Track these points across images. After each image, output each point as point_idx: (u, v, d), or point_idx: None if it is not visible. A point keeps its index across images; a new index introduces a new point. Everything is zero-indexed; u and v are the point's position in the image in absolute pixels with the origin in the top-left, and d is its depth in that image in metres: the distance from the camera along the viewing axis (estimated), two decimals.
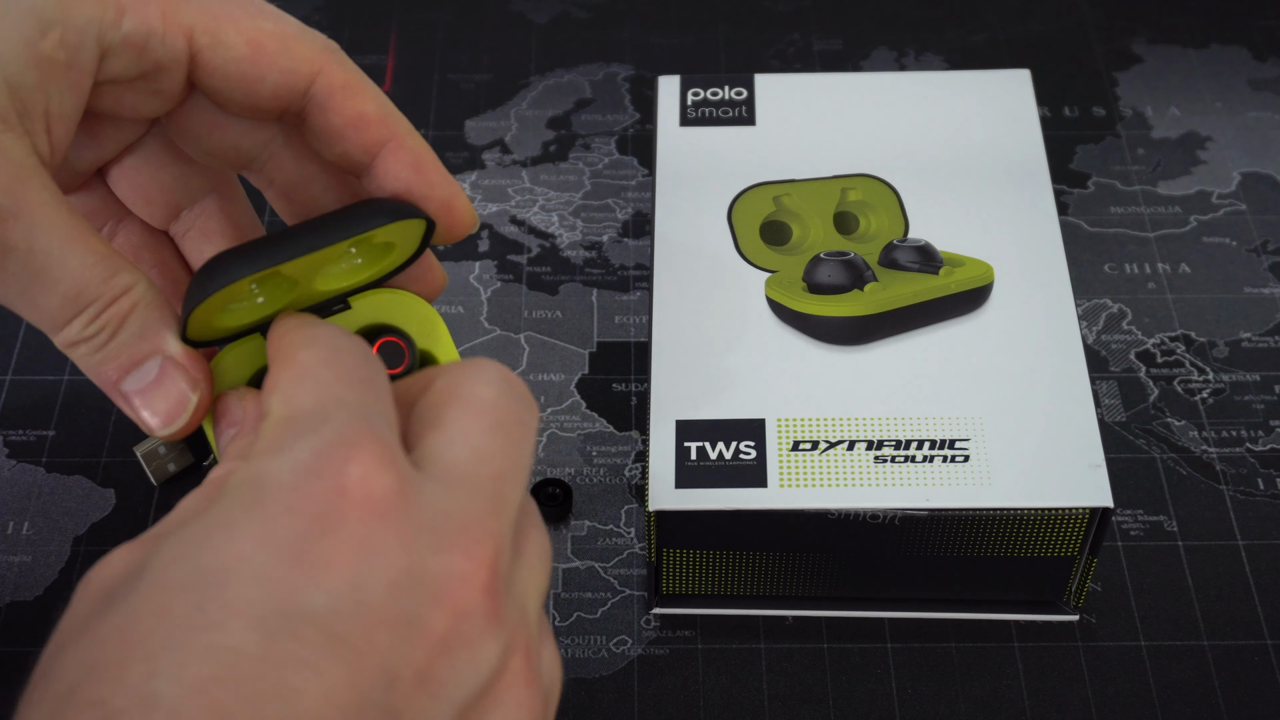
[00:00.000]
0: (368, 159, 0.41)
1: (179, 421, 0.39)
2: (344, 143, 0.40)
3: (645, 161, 0.67)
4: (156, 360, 0.39)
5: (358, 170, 0.41)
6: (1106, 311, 0.62)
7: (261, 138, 0.42)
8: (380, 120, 0.40)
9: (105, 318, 0.38)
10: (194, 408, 0.39)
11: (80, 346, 0.38)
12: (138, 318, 0.38)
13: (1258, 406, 0.58)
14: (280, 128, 0.42)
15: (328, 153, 0.41)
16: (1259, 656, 0.51)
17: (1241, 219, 0.65)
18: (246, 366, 0.41)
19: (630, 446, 0.57)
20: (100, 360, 0.38)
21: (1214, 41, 0.73)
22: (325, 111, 0.40)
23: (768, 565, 0.50)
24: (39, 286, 0.37)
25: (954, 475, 0.49)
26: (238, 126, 0.41)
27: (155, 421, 0.39)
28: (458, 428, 0.35)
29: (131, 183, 0.43)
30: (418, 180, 0.41)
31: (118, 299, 0.38)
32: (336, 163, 0.41)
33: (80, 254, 0.37)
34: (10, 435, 0.57)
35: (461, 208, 0.41)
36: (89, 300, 0.38)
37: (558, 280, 0.63)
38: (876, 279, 0.54)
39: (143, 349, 0.39)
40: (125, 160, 0.43)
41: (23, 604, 0.52)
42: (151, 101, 0.40)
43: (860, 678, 0.51)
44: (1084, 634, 0.52)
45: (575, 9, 0.75)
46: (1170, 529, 0.55)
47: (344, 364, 0.36)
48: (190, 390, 0.39)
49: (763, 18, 0.74)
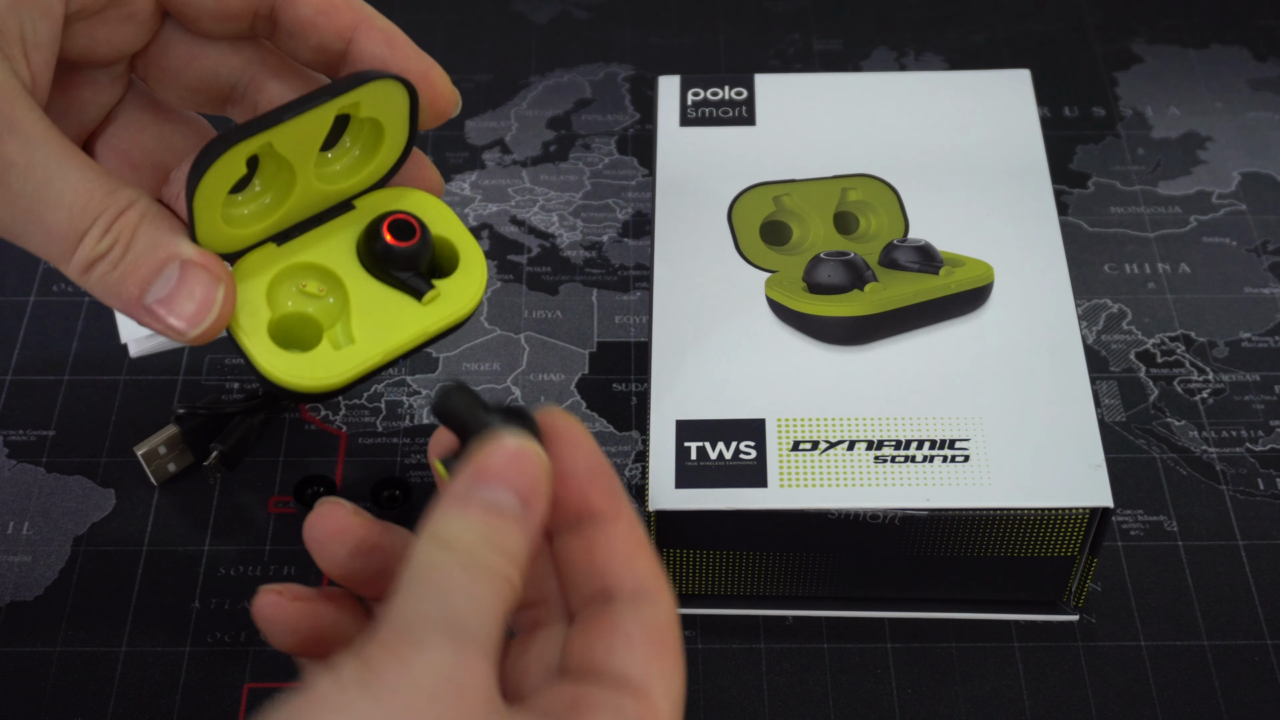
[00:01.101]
0: (342, 44, 0.42)
1: (208, 319, 0.39)
2: (316, 31, 0.41)
3: (645, 161, 0.67)
4: (175, 264, 0.39)
5: (335, 63, 0.42)
6: (1106, 311, 0.62)
7: (238, 61, 0.43)
8: (347, 5, 0.41)
9: (117, 229, 0.38)
10: (220, 303, 0.39)
11: (97, 266, 0.38)
12: (148, 227, 0.38)
13: (1258, 406, 0.58)
14: (256, 50, 0.43)
15: (303, 49, 0.42)
16: (1259, 656, 0.51)
17: (1241, 219, 0.65)
18: (262, 274, 0.42)
19: (630, 446, 0.57)
20: (120, 276, 0.38)
21: (1214, 41, 0.73)
22: (294, 4, 0.41)
23: (768, 565, 0.50)
24: (44, 201, 0.37)
25: (954, 475, 0.49)
26: (213, 53, 0.42)
27: (183, 324, 0.39)
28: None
29: (116, 150, 0.43)
30: (393, 55, 0.42)
31: (124, 211, 0.38)
32: (313, 61, 0.42)
33: (79, 169, 0.37)
34: (10, 435, 0.57)
35: (439, 79, 0.42)
36: (96, 213, 0.38)
37: (558, 280, 0.63)
38: (876, 279, 0.54)
39: (159, 256, 0.39)
40: (107, 130, 0.43)
41: (23, 604, 0.52)
42: (125, 31, 0.40)
43: (860, 678, 0.51)
44: (1084, 634, 0.52)
45: (575, 9, 0.75)
46: (1170, 529, 0.55)
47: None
48: (215, 286, 0.39)
49: (763, 18, 0.74)
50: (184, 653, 0.51)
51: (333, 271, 0.43)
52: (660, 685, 0.35)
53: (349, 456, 0.56)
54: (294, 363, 0.42)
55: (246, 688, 0.50)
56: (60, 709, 0.50)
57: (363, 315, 0.43)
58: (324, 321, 0.43)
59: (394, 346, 0.43)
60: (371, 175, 0.44)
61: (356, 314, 0.43)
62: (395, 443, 0.57)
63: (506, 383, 0.59)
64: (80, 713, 0.49)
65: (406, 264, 0.43)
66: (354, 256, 0.44)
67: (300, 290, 0.43)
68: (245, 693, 0.50)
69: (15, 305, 0.62)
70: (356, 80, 0.40)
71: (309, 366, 0.42)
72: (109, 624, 0.52)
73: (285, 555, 0.54)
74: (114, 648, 0.51)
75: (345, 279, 0.43)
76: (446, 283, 0.44)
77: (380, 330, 0.43)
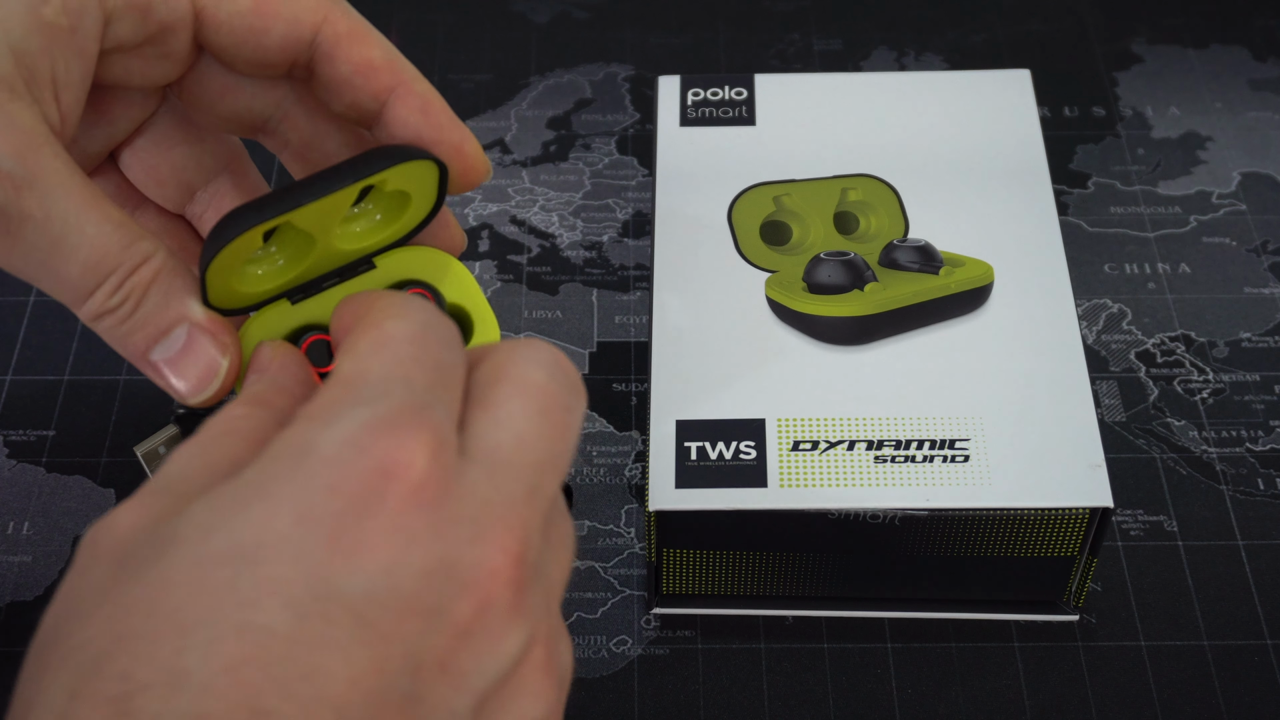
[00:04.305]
0: (377, 106, 0.41)
1: (211, 387, 0.39)
2: (352, 91, 0.41)
3: (645, 161, 0.67)
4: (184, 327, 0.39)
5: (369, 120, 0.41)
6: (1106, 311, 0.62)
7: (273, 98, 0.42)
8: (387, 66, 0.41)
9: (129, 286, 0.38)
10: (225, 373, 0.39)
11: (106, 318, 0.38)
12: (161, 285, 0.38)
13: (1258, 406, 0.58)
14: (290, 87, 0.42)
15: (337, 104, 0.41)
16: (1259, 656, 0.51)
17: (1241, 219, 0.65)
18: (273, 333, 0.41)
19: (630, 446, 0.57)
20: (127, 331, 0.38)
21: (1214, 41, 0.73)
22: (332, 61, 0.40)
23: (768, 565, 0.50)
24: (59, 256, 0.37)
25: (954, 475, 0.49)
26: (248, 88, 0.42)
27: (186, 388, 0.39)
28: (505, 410, 0.34)
29: (144, 164, 0.43)
30: (427, 124, 0.41)
31: (139, 267, 0.38)
32: (346, 114, 0.42)
33: (98, 221, 0.37)
34: (10, 435, 0.57)
35: (473, 151, 0.41)
36: (110, 268, 0.37)
37: (558, 280, 0.63)
38: (876, 279, 0.54)
39: (169, 317, 0.39)
40: (136, 142, 0.43)
41: (23, 604, 0.52)
42: (160, 67, 0.40)
43: (860, 678, 0.51)
44: (1084, 634, 0.52)
45: (575, 9, 0.75)
46: (1170, 529, 0.55)
47: (426, 343, 0.35)
48: (220, 355, 0.39)
49: (763, 18, 0.74)
50: None
51: None
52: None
53: None
54: None
55: None
56: None
57: None
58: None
59: None
60: (392, 236, 0.42)
61: None
62: None
63: None
64: None
65: None
66: None
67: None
68: None
69: (15, 305, 0.62)
70: (386, 161, 0.39)
71: None
72: None
73: None
74: None
75: None
76: None
77: None
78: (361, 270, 0.42)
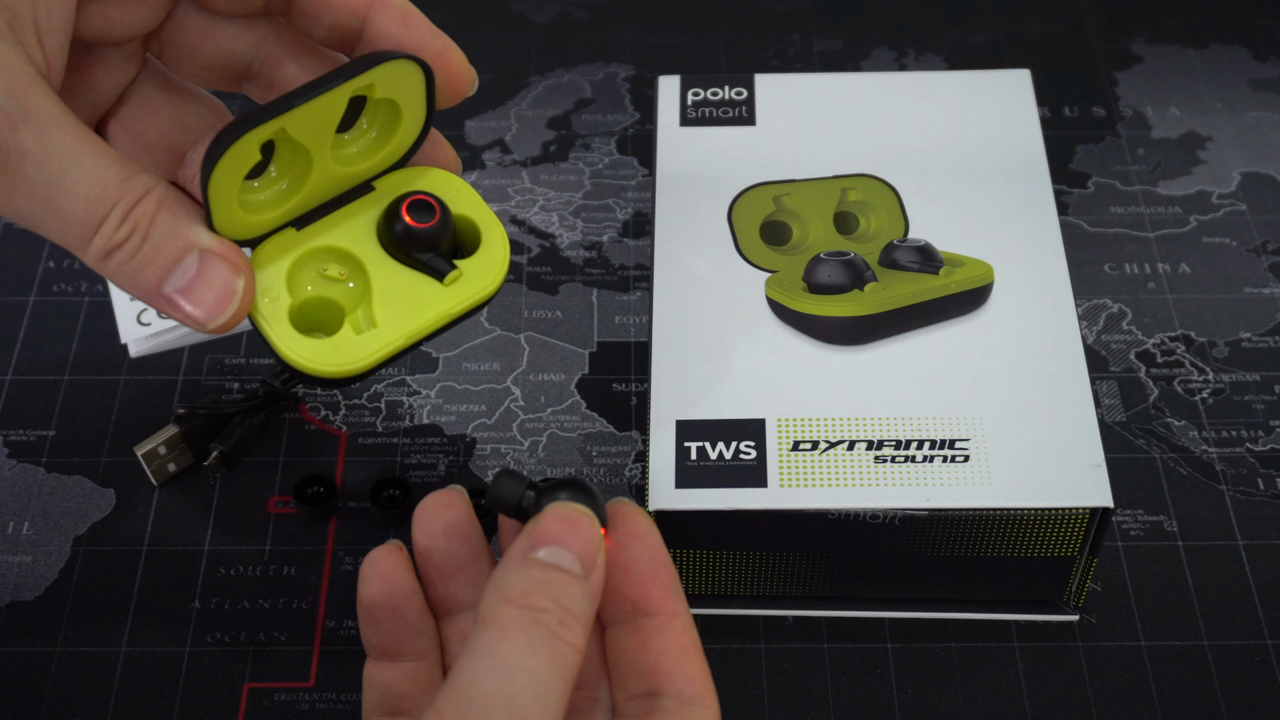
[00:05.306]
0: (357, 23, 0.41)
1: (228, 310, 0.39)
2: (330, 11, 0.41)
3: (645, 161, 0.67)
4: (194, 254, 0.38)
5: (350, 41, 0.42)
6: (1106, 311, 0.62)
7: (253, 38, 0.42)
8: None
9: (134, 217, 0.38)
10: (241, 294, 0.39)
11: (115, 255, 0.38)
12: (166, 215, 0.38)
13: (1258, 406, 0.58)
14: (270, 25, 0.42)
15: (318, 29, 0.41)
16: (1259, 656, 0.51)
17: (1241, 219, 0.65)
18: (285, 256, 0.42)
19: (630, 446, 0.57)
20: (139, 265, 0.38)
21: (1214, 41, 0.73)
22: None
23: (768, 565, 0.50)
24: (60, 190, 0.37)
25: (954, 475, 0.49)
26: (228, 30, 0.42)
27: (204, 314, 0.39)
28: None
29: (130, 132, 0.43)
30: (408, 34, 0.41)
31: (142, 199, 0.38)
32: (328, 39, 0.42)
33: (95, 155, 0.37)
34: (10, 435, 0.57)
35: (456, 59, 0.42)
36: (113, 200, 0.37)
37: (558, 280, 0.63)
38: (876, 279, 0.54)
39: (178, 245, 0.38)
40: (121, 111, 0.43)
41: (23, 604, 0.52)
42: (139, 11, 0.40)
43: (860, 678, 0.51)
44: (1084, 634, 0.52)
45: (575, 9, 0.75)
46: (1170, 529, 0.55)
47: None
48: (235, 276, 0.39)
49: (763, 18, 0.74)
50: (184, 653, 0.51)
51: (353, 255, 0.43)
52: None
53: (349, 456, 0.56)
54: (317, 348, 0.41)
55: (246, 688, 0.50)
56: (60, 709, 0.50)
57: (384, 298, 0.43)
58: (346, 306, 0.43)
59: (417, 329, 0.42)
60: (389, 156, 0.43)
61: (378, 297, 0.43)
62: (395, 443, 0.57)
63: (506, 383, 0.59)
64: (80, 713, 0.49)
65: (427, 245, 0.43)
66: (374, 239, 0.43)
67: (321, 275, 0.43)
68: (245, 693, 0.50)
69: (15, 305, 0.62)
70: (369, 62, 0.40)
71: (332, 352, 0.42)
72: (109, 624, 0.52)
73: (285, 555, 0.54)
74: (114, 648, 0.51)
75: (366, 262, 0.43)
76: (469, 262, 0.44)
77: (403, 313, 0.43)
78: (361, 194, 0.43)
